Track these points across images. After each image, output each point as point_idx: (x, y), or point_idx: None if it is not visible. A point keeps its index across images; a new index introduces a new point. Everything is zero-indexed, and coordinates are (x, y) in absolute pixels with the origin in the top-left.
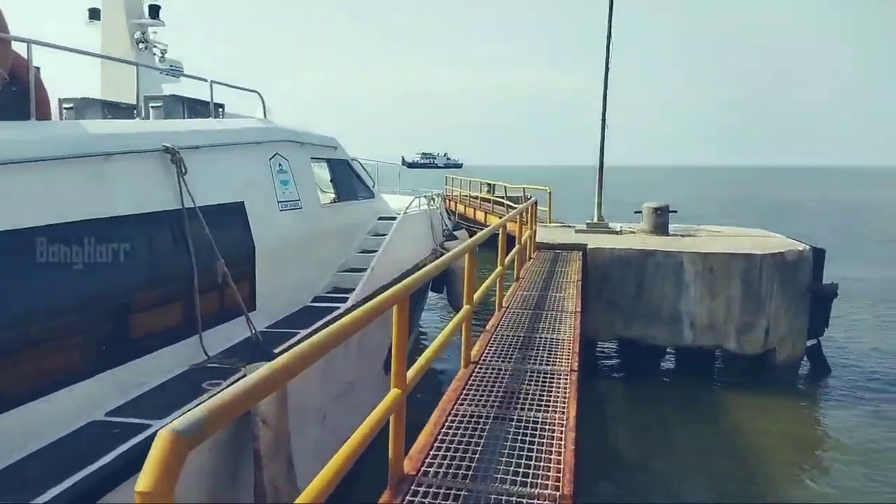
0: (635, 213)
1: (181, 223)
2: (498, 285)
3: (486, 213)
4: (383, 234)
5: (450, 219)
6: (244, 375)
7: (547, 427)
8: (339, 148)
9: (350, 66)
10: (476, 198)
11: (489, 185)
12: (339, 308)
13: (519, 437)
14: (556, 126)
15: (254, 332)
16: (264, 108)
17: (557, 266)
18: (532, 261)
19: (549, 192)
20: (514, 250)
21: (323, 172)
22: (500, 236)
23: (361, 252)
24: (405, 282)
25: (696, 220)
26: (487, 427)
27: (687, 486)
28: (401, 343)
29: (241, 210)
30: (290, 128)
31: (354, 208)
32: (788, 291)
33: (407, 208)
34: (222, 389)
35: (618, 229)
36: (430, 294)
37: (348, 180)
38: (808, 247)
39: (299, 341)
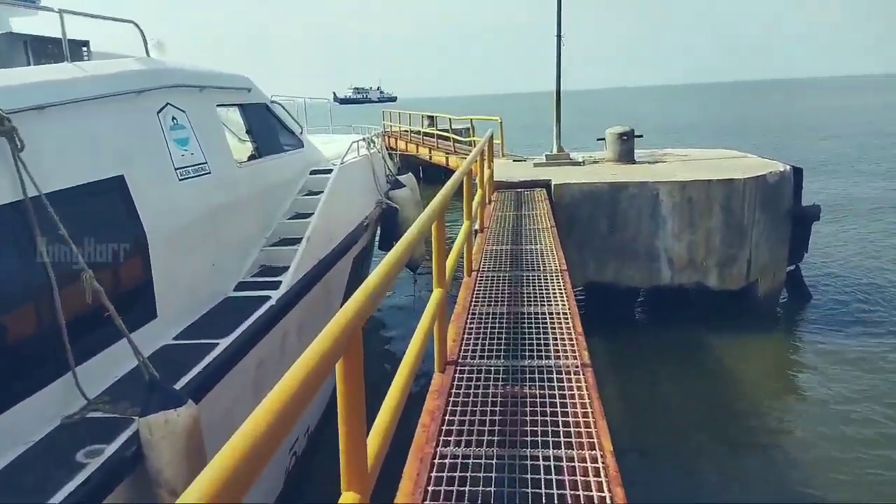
0: (598, 140)
1: (24, 221)
2: (466, 246)
3: (430, 148)
4: (318, 193)
5: (392, 160)
6: (141, 429)
7: (578, 475)
8: (255, 89)
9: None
10: (418, 133)
11: (430, 117)
12: (270, 298)
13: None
14: (493, 55)
15: (142, 361)
16: (145, 42)
17: (523, 209)
18: (493, 204)
19: (500, 123)
20: (476, 197)
21: (235, 121)
22: (464, 184)
23: (293, 218)
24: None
25: (654, 144)
26: (487, 475)
27: (673, 445)
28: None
29: (121, 187)
30: (186, 68)
31: (280, 164)
32: (770, 217)
33: (344, 157)
34: (113, 461)
35: (580, 160)
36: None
37: (269, 129)
38: (788, 167)
39: (223, 355)
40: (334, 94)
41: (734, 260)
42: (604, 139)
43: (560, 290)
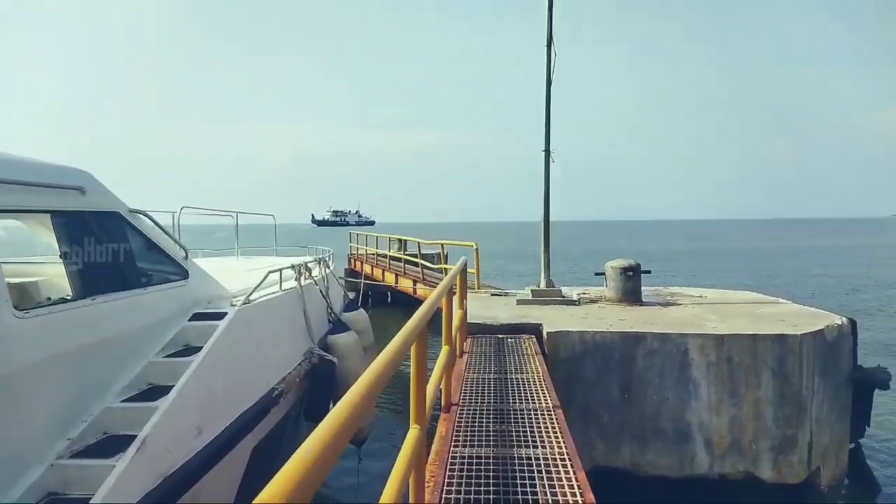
0: (596, 275)
1: None
2: (445, 376)
3: (396, 274)
4: (197, 348)
5: (343, 291)
6: None
7: None
8: (95, 190)
9: (244, 123)
10: (385, 257)
11: (400, 240)
12: None
13: None
14: (472, 183)
15: None
16: None
17: (508, 367)
18: (465, 357)
19: (476, 249)
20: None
21: (47, 237)
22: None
23: (132, 398)
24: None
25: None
26: None
27: None
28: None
29: None
30: None
31: (127, 305)
32: (831, 384)
33: (253, 290)
34: None
35: (574, 297)
36: None
37: (111, 251)
38: (845, 319)
39: None
40: (312, 216)
41: (793, 443)
42: (603, 274)
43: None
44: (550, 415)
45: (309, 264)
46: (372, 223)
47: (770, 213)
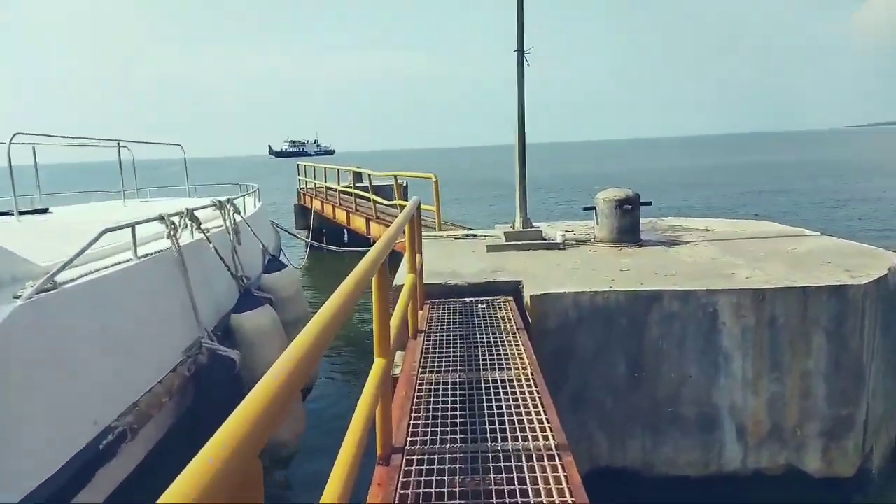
0: (584, 209)
1: None
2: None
3: (347, 211)
4: None
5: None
6: None
7: None
8: None
9: (201, 55)
10: (335, 191)
11: (354, 172)
12: None
13: None
14: (433, 109)
15: None
16: None
17: (480, 357)
18: (420, 337)
19: (436, 181)
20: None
21: None
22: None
23: None
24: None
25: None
26: None
27: None
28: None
29: None
30: None
31: None
32: (890, 345)
33: (67, 264)
34: None
35: (558, 240)
36: None
37: None
38: None
39: None
40: (269, 146)
41: (848, 425)
42: (593, 208)
43: None
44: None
45: (198, 211)
46: (332, 153)
47: (724, 129)
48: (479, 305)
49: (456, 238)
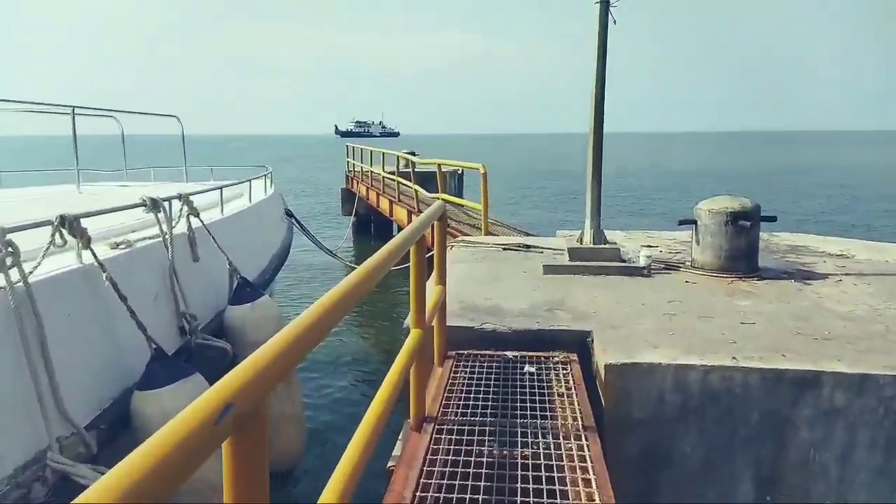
0: (680, 223)
1: None
2: None
3: (390, 201)
4: None
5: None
6: None
7: None
8: None
9: (268, 35)
10: (380, 178)
11: (408, 159)
12: None
13: None
14: (497, 94)
15: None
16: None
17: (514, 443)
18: (430, 421)
19: (484, 173)
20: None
21: None
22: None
23: None
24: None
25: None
26: None
27: None
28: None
29: None
30: None
31: None
32: None
33: None
34: None
35: (641, 262)
36: None
37: None
38: None
39: None
40: (336, 126)
41: None
42: (693, 222)
43: None
44: None
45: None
46: (396, 134)
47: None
48: (527, 367)
49: (504, 248)
